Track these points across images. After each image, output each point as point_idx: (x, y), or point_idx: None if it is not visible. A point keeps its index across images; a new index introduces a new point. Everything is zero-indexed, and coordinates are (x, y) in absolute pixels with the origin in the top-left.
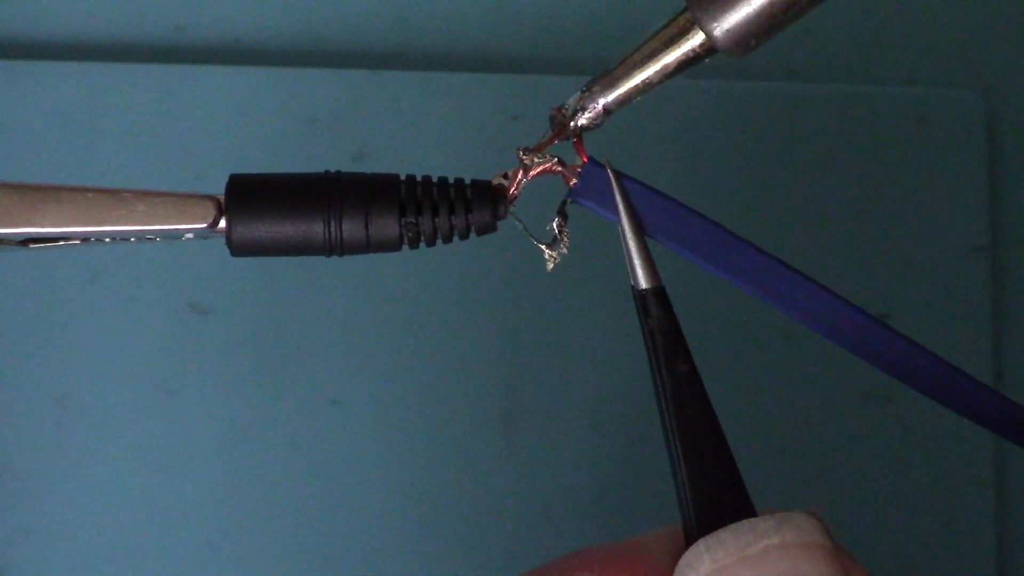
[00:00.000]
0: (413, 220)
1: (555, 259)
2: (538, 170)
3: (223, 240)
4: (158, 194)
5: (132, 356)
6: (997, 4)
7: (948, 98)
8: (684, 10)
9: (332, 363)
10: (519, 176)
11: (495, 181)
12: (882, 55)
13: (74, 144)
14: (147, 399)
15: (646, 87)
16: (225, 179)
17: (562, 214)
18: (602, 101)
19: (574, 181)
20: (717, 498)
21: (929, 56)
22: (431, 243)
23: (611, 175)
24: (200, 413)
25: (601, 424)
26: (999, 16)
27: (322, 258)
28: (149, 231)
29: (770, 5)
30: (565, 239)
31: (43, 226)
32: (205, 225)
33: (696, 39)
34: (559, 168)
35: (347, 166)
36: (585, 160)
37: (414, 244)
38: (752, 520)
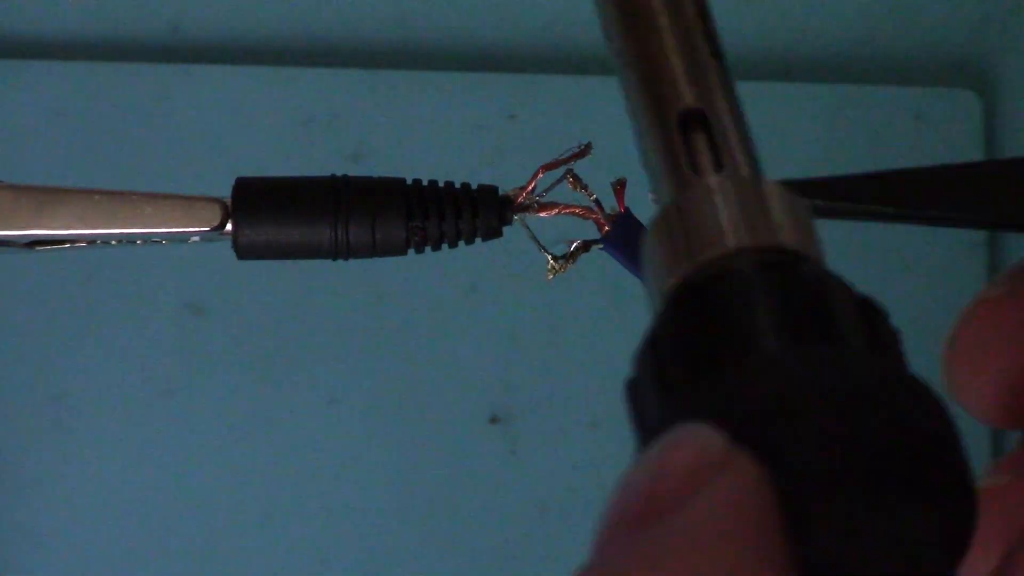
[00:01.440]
0: (420, 224)
1: (557, 271)
2: (567, 211)
3: (224, 242)
4: (165, 197)
5: (130, 356)
6: (994, 4)
7: (945, 97)
8: None
9: (329, 362)
10: (531, 186)
11: (511, 192)
12: (879, 55)
13: (71, 143)
14: (145, 399)
15: None
16: (222, 178)
17: (587, 247)
18: None
19: (607, 228)
20: None
21: (926, 55)
22: (437, 247)
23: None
24: (198, 412)
25: (601, 424)
26: (996, 15)
27: (324, 260)
28: (156, 234)
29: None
30: (574, 261)
31: (50, 228)
32: (212, 228)
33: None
34: (593, 215)
35: (344, 165)
36: (623, 211)
37: (420, 248)
38: None
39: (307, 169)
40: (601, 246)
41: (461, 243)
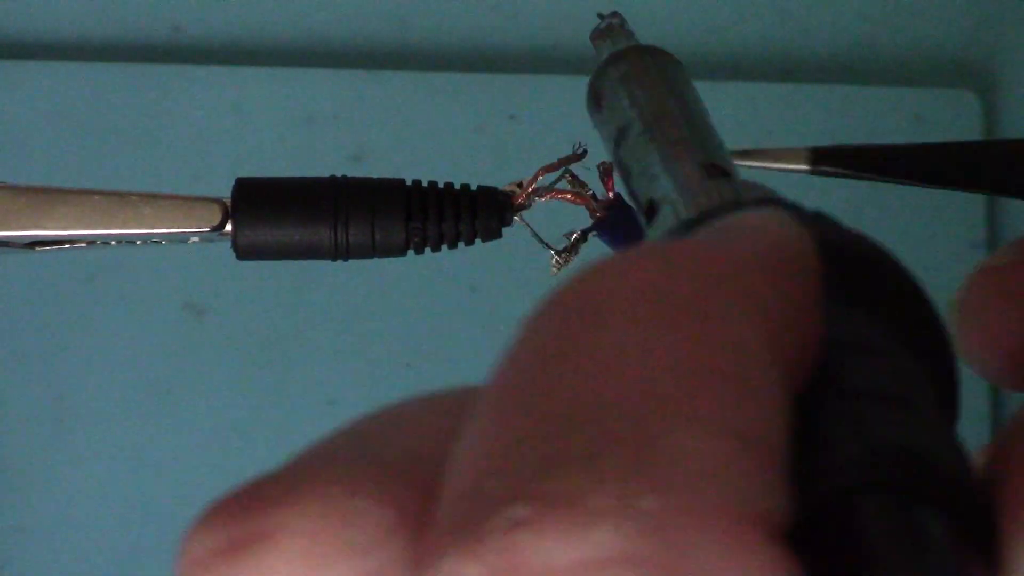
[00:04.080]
0: (419, 225)
1: (562, 265)
2: (558, 196)
3: (224, 242)
4: (165, 197)
5: (129, 356)
6: (994, 3)
7: (945, 98)
8: None
9: (328, 363)
10: (531, 188)
11: (508, 188)
12: (879, 55)
13: (72, 144)
14: (144, 399)
15: None
16: (222, 178)
17: (584, 237)
18: None
19: (599, 214)
20: None
21: (926, 55)
22: (436, 248)
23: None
24: (197, 413)
25: None
26: (996, 15)
27: (324, 261)
28: (155, 234)
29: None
30: (576, 252)
31: (50, 229)
32: (211, 228)
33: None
34: (583, 200)
35: (345, 166)
36: (612, 196)
37: (420, 249)
38: None
39: (308, 170)
40: (596, 233)
41: (461, 244)
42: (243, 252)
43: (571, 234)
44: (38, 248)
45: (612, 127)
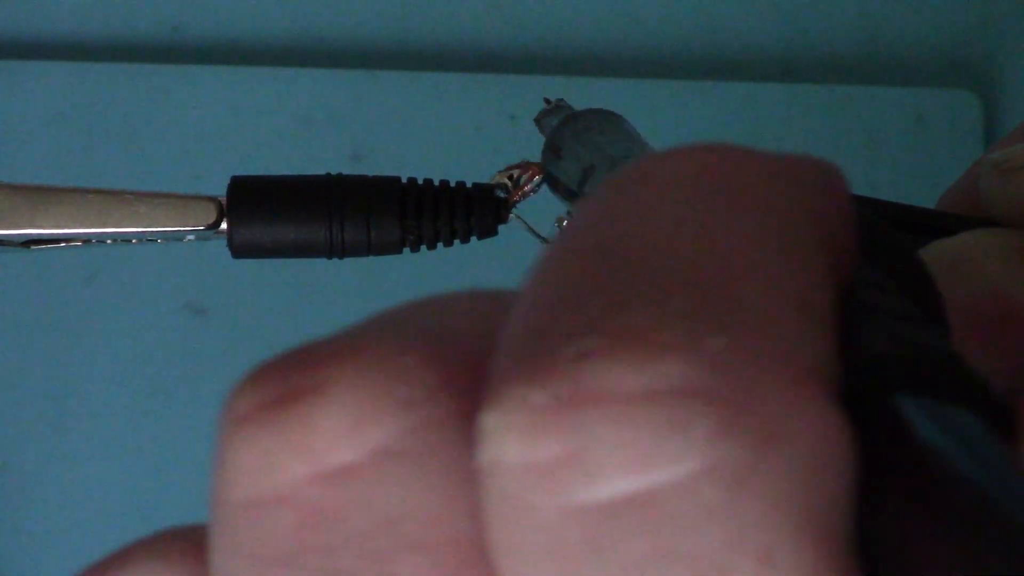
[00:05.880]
0: (414, 223)
1: None
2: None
3: (223, 241)
4: (160, 195)
5: (130, 356)
6: (994, 4)
7: (945, 98)
8: None
9: None
10: (526, 187)
11: (500, 178)
12: (879, 55)
13: (70, 144)
14: (144, 399)
15: None
16: (222, 179)
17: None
18: None
19: None
20: None
21: (926, 56)
22: (432, 246)
23: None
24: (198, 413)
25: None
26: (996, 16)
27: (321, 259)
28: (151, 232)
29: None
30: None
31: (45, 227)
32: (207, 226)
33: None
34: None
35: (344, 166)
36: None
37: (415, 247)
38: None
39: (307, 169)
40: None
41: (457, 242)
42: (238, 250)
43: (562, 219)
44: (34, 247)
45: (576, 169)
